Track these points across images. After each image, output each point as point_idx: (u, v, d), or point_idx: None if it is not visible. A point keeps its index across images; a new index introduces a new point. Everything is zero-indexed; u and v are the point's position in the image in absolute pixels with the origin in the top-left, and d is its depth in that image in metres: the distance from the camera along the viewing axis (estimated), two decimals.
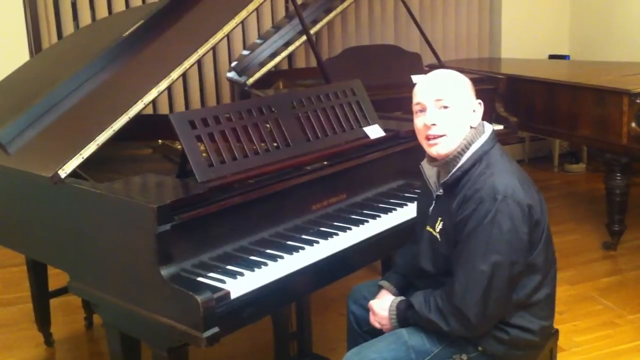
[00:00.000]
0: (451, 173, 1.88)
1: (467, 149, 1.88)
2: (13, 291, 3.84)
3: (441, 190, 1.93)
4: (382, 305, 2.02)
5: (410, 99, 1.98)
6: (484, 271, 1.76)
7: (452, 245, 1.86)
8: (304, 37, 4.14)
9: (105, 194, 1.96)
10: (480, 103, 1.94)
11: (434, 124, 1.87)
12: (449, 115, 1.87)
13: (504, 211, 1.76)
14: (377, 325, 2.03)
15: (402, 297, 2.00)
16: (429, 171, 2.04)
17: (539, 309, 1.90)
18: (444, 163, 1.91)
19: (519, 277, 1.83)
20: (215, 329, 1.71)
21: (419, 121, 1.92)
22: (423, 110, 1.90)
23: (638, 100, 3.59)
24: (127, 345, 2.09)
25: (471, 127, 1.90)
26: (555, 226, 1.96)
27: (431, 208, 1.99)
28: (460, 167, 1.87)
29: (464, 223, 1.80)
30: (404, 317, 1.94)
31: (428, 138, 1.89)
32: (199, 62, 3.87)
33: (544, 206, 1.90)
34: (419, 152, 2.12)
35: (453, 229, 1.85)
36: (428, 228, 1.96)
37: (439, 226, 1.91)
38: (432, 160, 1.96)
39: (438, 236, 1.91)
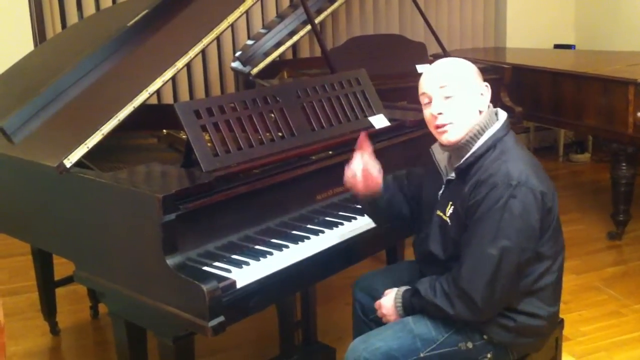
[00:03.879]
0: (465, 158, 1.87)
1: (481, 134, 1.87)
2: (19, 280, 3.86)
3: (453, 175, 1.93)
4: (387, 297, 2.01)
5: (414, 88, 1.98)
6: (492, 255, 1.76)
7: (463, 230, 1.85)
8: (309, 27, 4.13)
9: (111, 183, 1.96)
10: (487, 86, 1.93)
11: (440, 113, 1.87)
12: (453, 103, 1.86)
13: (517, 197, 1.75)
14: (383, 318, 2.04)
15: (407, 287, 2.00)
16: (440, 155, 2.03)
17: (546, 295, 1.90)
18: (457, 148, 1.90)
19: (527, 264, 1.83)
20: (221, 318, 1.71)
21: (426, 112, 1.92)
22: (429, 100, 1.90)
23: None
24: (133, 334, 2.11)
25: (480, 112, 1.89)
26: (560, 216, 1.95)
27: (441, 192, 1.98)
28: (473, 153, 1.86)
29: (476, 207, 1.80)
30: (410, 304, 1.94)
31: (437, 127, 1.89)
32: (203, 52, 3.86)
33: (555, 194, 1.89)
34: (424, 142, 2.12)
35: (464, 213, 1.84)
36: (438, 212, 1.95)
37: (449, 210, 1.90)
38: (444, 145, 1.95)
39: (448, 220, 1.90)
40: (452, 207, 1.90)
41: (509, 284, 1.80)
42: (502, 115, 1.94)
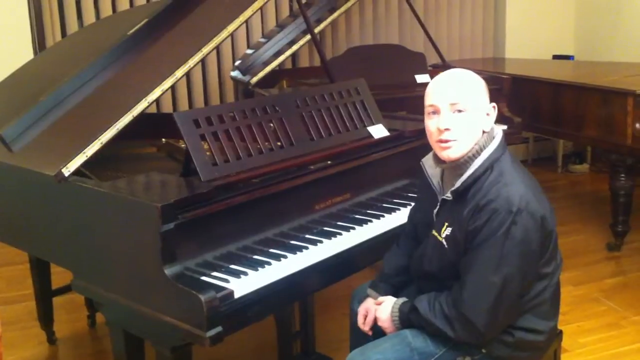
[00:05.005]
0: (462, 181, 1.83)
1: (479, 154, 1.83)
2: (16, 289, 3.85)
3: (449, 195, 1.88)
4: (382, 307, 2.00)
5: (414, 98, 1.97)
6: (495, 283, 1.74)
7: (461, 253, 1.82)
8: (308, 36, 4.14)
9: (109, 192, 1.96)
10: (494, 106, 1.89)
11: (447, 129, 1.81)
12: (463, 119, 1.81)
13: (519, 223, 1.73)
14: (366, 328, 2.03)
15: (404, 299, 1.98)
16: (432, 170, 1.99)
17: (544, 310, 1.89)
18: (453, 166, 1.86)
19: (528, 286, 1.82)
20: (219, 329, 1.71)
21: (431, 123, 1.86)
22: (436, 112, 1.84)
23: None
24: (131, 344, 2.09)
25: (484, 132, 1.85)
26: (559, 227, 1.95)
27: (436, 211, 1.95)
28: (471, 175, 1.82)
29: (476, 233, 1.77)
30: (407, 319, 1.92)
31: (440, 141, 1.84)
32: (202, 61, 3.86)
33: (554, 214, 1.87)
34: (423, 152, 2.11)
35: (463, 237, 1.81)
36: (434, 232, 1.92)
37: (445, 232, 1.87)
38: (440, 161, 1.91)
39: (444, 242, 1.87)
40: (448, 228, 1.86)
41: (512, 308, 1.80)
42: (498, 133, 1.90)
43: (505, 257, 1.73)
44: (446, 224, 1.88)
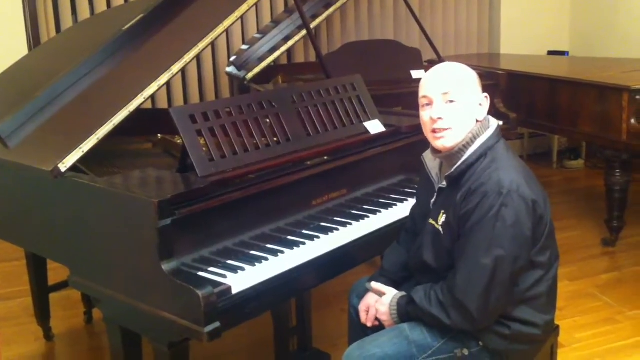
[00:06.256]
0: (456, 166, 1.87)
1: (472, 142, 1.87)
2: (12, 285, 3.84)
3: (444, 183, 1.92)
4: (382, 300, 2.02)
5: (410, 94, 1.98)
6: (486, 265, 1.75)
7: (455, 239, 1.85)
8: (304, 32, 4.14)
9: (106, 188, 1.95)
10: (486, 97, 1.93)
11: (440, 118, 1.86)
12: (455, 108, 1.86)
13: (509, 205, 1.75)
14: (369, 324, 2.04)
15: (403, 293, 2.00)
16: (432, 163, 2.03)
17: (540, 304, 1.90)
18: (448, 156, 1.90)
19: (521, 272, 1.83)
20: (217, 324, 1.71)
21: (425, 114, 1.91)
22: (429, 103, 1.89)
23: (638, 97, 3.59)
24: (128, 340, 2.09)
25: (477, 121, 1.90)
26: (554, 223, 1.95)
27: (433, 200, 1.99)
28: (465, 161, 1.86)
29: (468, 216, 1.80)
30: (405, 311, 1.94)
31: (434, 131, 1.88)
32: (198, 57, 3.87)
33: (548, 202, 1.89)
34: (420, 148, 2.12)
35: (456, 222, 1.84)
36: (431, 221, 1.95)
37: (441, 219, 1.89)
38: (436, 152, 1.95)
39: (441, 229, 1.89)
40: (444, 215, 1.89)
41: (503, 293, 1.80)
42: (493, 123, 1.94)
43: (496, 239, 1.75)
44: (442, 211, 1.90)
